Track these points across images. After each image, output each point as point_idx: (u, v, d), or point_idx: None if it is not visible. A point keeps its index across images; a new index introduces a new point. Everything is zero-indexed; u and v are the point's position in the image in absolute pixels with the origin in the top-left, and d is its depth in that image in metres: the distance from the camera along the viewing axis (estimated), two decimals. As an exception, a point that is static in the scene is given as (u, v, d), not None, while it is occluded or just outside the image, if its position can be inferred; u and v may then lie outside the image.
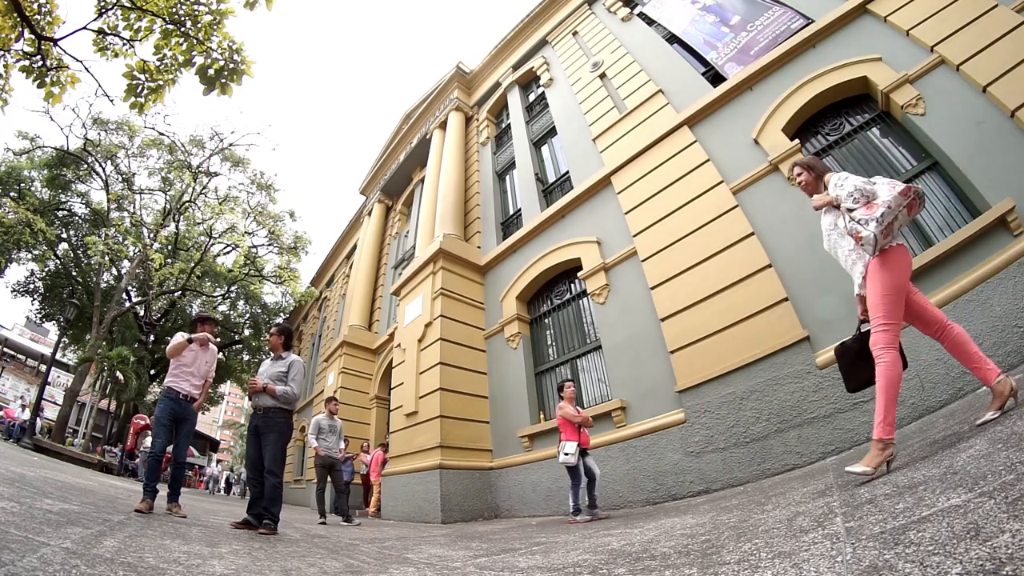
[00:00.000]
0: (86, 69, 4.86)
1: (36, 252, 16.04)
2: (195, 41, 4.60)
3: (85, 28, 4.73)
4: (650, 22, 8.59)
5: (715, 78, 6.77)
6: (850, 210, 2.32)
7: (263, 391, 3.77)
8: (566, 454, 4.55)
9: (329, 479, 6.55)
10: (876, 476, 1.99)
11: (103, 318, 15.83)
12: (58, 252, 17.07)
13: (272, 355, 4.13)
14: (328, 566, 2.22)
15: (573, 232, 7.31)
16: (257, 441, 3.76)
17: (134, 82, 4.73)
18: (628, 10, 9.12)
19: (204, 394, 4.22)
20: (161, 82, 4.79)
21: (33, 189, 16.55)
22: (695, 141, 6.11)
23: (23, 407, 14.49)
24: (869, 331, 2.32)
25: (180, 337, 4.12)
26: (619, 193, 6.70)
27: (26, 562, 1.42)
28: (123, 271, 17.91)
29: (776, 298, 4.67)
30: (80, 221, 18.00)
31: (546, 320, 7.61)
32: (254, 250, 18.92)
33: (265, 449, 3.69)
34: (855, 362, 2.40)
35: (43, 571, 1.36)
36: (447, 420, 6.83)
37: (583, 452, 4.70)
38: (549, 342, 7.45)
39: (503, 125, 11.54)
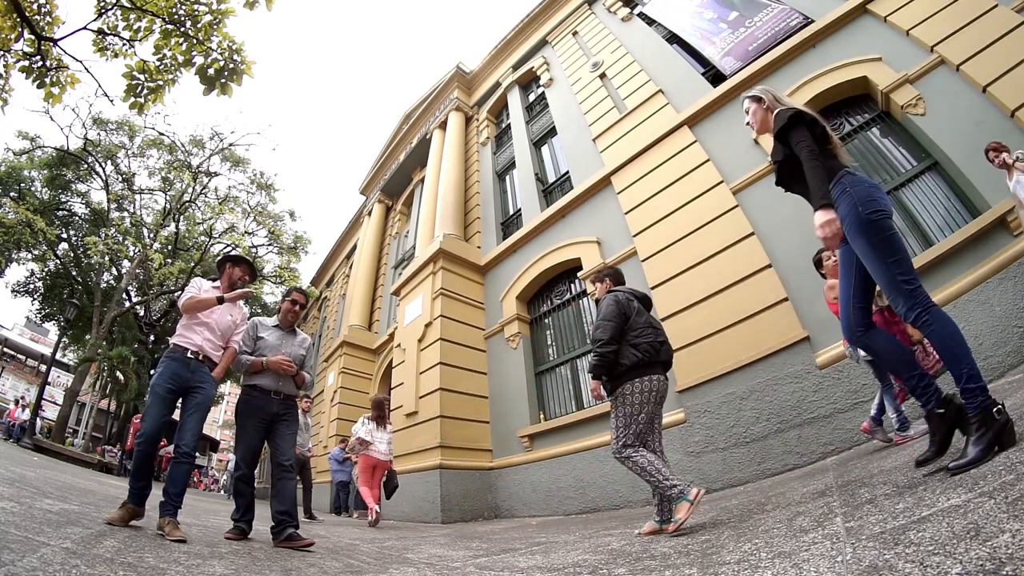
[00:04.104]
0: (86, 69, 4.87)
1: (36, 252, 16.06)
2: (195, 41, 4.60)
3: (85, 28, 4.74)
4: (650, 22, 8.59)
5: (715, 78, 6.77)
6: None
7: (293, 375, 3.09)
8: None
9: (299, 477, 6.73)
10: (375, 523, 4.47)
11: (103, 318, 15.83)
12: (58, 252, 17.08)
13: (281, 326, 3.27)
14: (328, 566, 2.22)
15: (573, 232, 7.31)
16: (264, 428, 3.02)
17: (134, 82, 4.73)
18: (628, 10, 9.12)
19: (225, 363, 2.98)
20: (161, 82, 4.80)
21: (33, 189, 16.56)
22: (695, 141, 6.11)
23: (22, 407, 14.49)
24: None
25: (201, 288, 2.97)
26: (619, 193, 6.70)
27: (26, 562, 1.42)
28: (123, 271, 17.91)
29: (776, 298, 4.67)
30: (80, 221, 18.00)
31: (546, 320, 7.61)
32: (254, 250, 18.92)
33: (283, 440, 3.04)
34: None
35: (43, 571, 1.36)
36: (447, 420, 6.83)
37: None
38: (549, 342, 7.44)
39: (503, 125, 11.53)
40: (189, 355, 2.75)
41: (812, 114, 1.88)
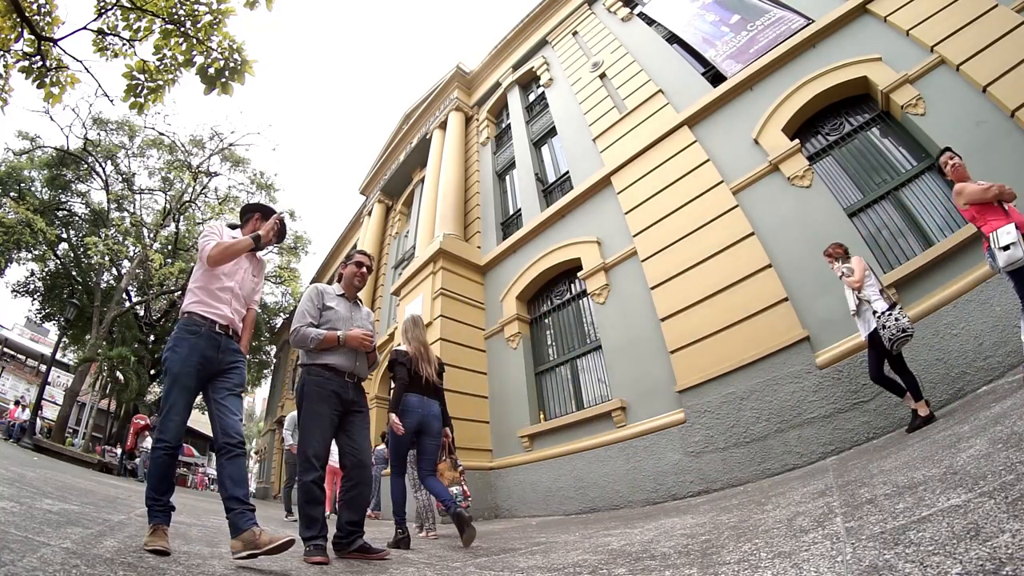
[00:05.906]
0: (86, 69, 4.86)
1: (36, 252, 16.05)
2: (195, 41, 4.60)
3: (85, 28, 4.73)
4: (650, 22, 8.59)
5: (715, 78, 6.77)
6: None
7: (368, 352, 2.56)
8: (1004, 247, 2.68)
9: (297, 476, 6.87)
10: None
11: (103, 318, 15.83)
12: (58, 252, 17.08)
13: (346, 295, 2.71)
14: (328, 566, 2.22)
15: (573, 232, 7.31)
16: (339, 417, 2.49)
17: (134, 82, 4.73)
18: (628, 10, 9.12)
19: (249, 332, 2.44)
20: (161, 82, 4.79)
21: (33, 189, 16.57)
22: (695, 141, 6.11)
23: (22, 407, 14.48)
24: None
25: (223, 234, 2.33)
26: (619, 193, 6.70)
27: (26, 562, 1.42)
28: (123, 271, 17.91)
29: (776, 298, 4.67)
30: (80, 221, 18.00)
31: (546, 320, 7.61)
32: (254, 250, 18.88)
33: (361, 435, 2.56)
34: None
35: (43, 571, 1.36)
36: (447, 420, 6.83)
37: None
38: (549, 342, 7.44)
39: (503, 125, 11.53)
40: (218, 329, 2.17)
41: (403, 362, 3.37)
